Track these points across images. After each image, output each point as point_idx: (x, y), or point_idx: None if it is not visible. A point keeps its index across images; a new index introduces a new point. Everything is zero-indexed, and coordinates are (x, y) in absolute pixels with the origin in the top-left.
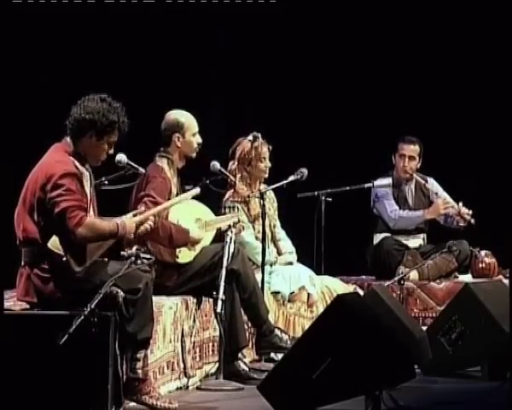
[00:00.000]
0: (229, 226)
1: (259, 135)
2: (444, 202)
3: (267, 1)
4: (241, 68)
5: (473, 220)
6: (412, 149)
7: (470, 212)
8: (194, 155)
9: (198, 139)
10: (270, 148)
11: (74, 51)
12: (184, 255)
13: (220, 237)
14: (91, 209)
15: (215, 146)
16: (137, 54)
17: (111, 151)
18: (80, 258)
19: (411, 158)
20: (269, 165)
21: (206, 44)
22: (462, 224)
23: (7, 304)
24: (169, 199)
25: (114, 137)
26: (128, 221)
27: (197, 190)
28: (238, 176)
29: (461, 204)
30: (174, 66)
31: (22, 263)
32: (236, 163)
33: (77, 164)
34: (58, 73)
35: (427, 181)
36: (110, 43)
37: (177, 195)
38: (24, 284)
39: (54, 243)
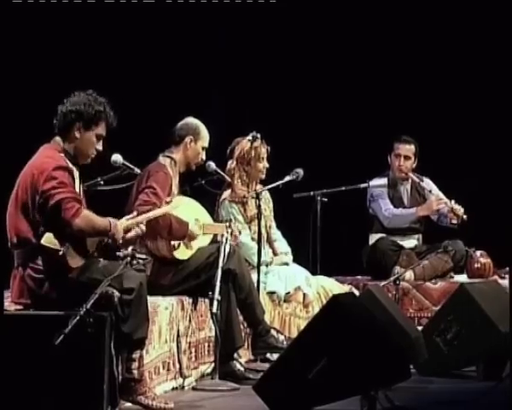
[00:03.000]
0: (226, 227)
1: (259, 135)
2: (437, 198)
3: (267, 1)
4: (240, 68)
5: (465, 217)
6: (408, 148)
7: (462, 209)
8: (194, 167)
9: (203, 155)
10: (269, 149)
11: (70, 50)
12: (181, 252)
13: (216, 237)
14: None
15: (211, 146)
16: (137, 54)
17: (99, 147)
18: (80, 251)
19: (407, 158)
20: (267, 165)
21: (206, 44)
22: (454, 221)
23: None
24: (169, 195)
25: (102, 130)
26: (119, 223)
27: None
28: (236, 175)
29: (453, 201)
30: (173, 66)
31: (15, 265)
32: (235, 162)
33: (67, 161)
34: (51, 74)
35: (422, 180)
36: (109, 43)
37: (177, 195)
38: (18, 286)
39: (48, 238)
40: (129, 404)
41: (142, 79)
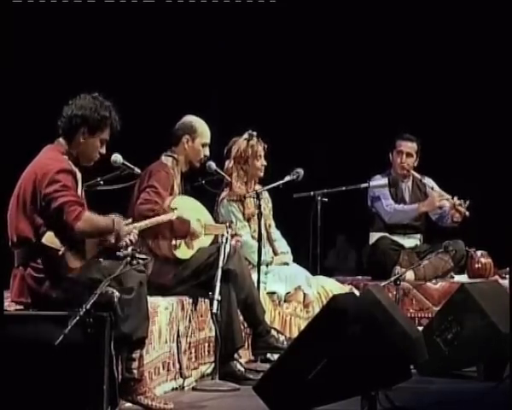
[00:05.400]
0: (226, 227)
1: (255, 133)
2: (439, 194)
3: (267, 1)
4: (238, 68)
5: (467, 213)
6: (410, 145)
7: (465, 204)
8: (198, 164)
9: (206, 151)
10: (265, 146)
11: (71, 49)
12: (182, 251)
13: (217, 238)
14: None
15: (209, 146)
16: (135, 54)
17: (103, 150)
18: (80, 253)
19: (409, 155)
20: (265, 163)
21: (205, 44)
22: (457, 219)
23: None
24: (171, 194)
25: (106, 135)
26: (122, 220)
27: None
28: (234, 175)
29: (456, 198)
30: (173, 66)
31: (16, 264)
32: (232, 162)
33: (70, 163)
34: (52, 74)
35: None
36: (108, 42)
37: (178, 195)
38: (18, 285)
39: (49, 237)
40: (129, 404)
41: (141, 79)
